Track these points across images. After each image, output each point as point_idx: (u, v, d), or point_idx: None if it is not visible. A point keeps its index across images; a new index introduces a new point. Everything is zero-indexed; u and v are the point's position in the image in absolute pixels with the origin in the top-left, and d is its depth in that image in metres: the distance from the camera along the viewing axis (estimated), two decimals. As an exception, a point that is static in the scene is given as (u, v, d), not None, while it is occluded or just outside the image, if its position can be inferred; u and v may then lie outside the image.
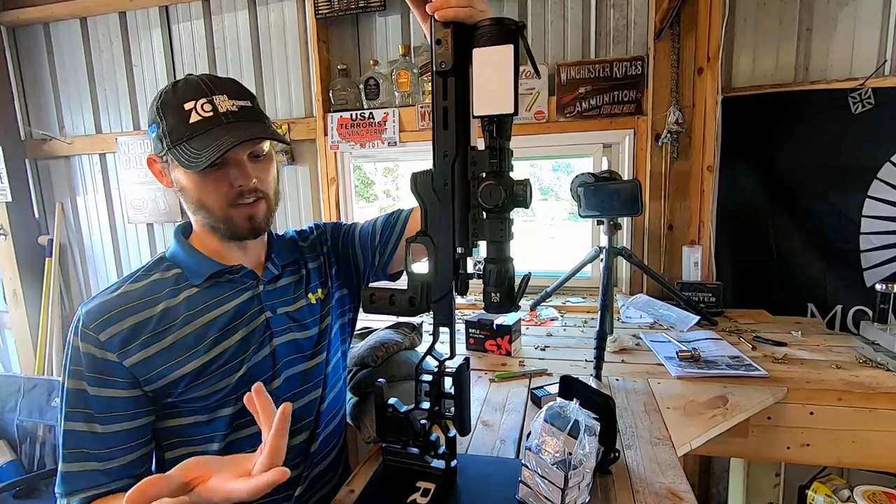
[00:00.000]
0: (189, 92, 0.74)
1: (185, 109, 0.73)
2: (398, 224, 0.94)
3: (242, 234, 0.80)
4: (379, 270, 0.96)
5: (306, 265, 0.92)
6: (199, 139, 0.72)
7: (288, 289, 0.88)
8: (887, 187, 1.62)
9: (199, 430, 0.79)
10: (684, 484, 0.76)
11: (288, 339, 0.84)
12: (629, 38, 1.81)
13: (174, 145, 0.73)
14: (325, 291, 0.92)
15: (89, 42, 2.36)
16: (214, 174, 0.75)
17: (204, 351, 0.76)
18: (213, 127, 0.73)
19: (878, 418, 1.06)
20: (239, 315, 0.80)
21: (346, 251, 0.97)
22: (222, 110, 0.74)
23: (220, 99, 0.74)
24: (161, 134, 0.74)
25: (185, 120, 0.73)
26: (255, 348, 0.80)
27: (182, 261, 0.82)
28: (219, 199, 0.76)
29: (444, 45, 0.61)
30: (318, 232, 0.99)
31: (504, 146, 0.63)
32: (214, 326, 0.78)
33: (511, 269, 0.66)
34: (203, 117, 0.73)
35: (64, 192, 2.53)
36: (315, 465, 0.88)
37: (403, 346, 1.16)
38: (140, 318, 0.74)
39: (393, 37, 2.03)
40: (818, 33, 1.66)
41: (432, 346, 0.74)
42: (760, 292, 1.77)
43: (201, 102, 0.73)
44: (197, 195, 0.76)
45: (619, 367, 1.25)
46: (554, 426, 0.69)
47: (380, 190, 3.72)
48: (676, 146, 1.73)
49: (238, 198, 0.77)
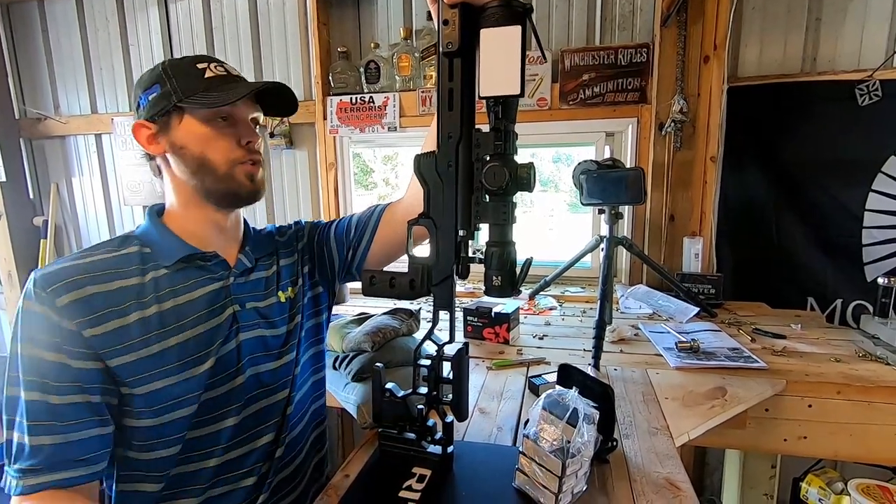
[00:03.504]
0: (198, 58, 0.77)
1: (198, 68, 0.75)
2: (372, 220, 0.91)
3: (243, 194, 0.79)
4: (353, 268, 0.92)
5: (279, 262, 0.89)
6: (220, 89, 0.74)
7: (259, 283, 0.84)
8: (891, 181, 1.61)
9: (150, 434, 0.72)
10: (682, 474, 0.75)
11: (255, 335, 0.80)
12: (635, 24, 1.78)
13: (187, 97, 0.73)
14: (294, 290, 0.88)
15: (85, 20, 2.32)
16: (224, 129, 0.76)
17: (168, 335, 0.72)
18: (231, 82, 0.76)
19: (876, 412, 1.06)
20: (207, 304, 0.76)
21: (322, 248, 0.93)
22: (234, 73, 0.78)
23: (227, 65, 0.78)
24: (167, 91, 0.73)
25: (200, 75, 0.74)
26: (222, 342, 0.76)
27: (153, 239, 0.78)
28: (225, 154, 0.76)
29: (451, 25, 0.60)
30: (296, 229, 0.96)
31: (509, 128, 0.63)
32: (181, 313, 0.73)
33: (513, 253, 0.65)
34: (218, 74, 0.75)
35: (59, 172, 2.50)
36: (279, 471, 0.84)
37: (401, 331, 1.15)
38: (100, 290, 0.69)
39: (394, 19, 1.99)
40: (827, 23, 1.63)
41: (431, 330, 0.73)
42: (761, 285, 1.76)
43: (213, 64, 0.76)
44: (201, 150, 0.75)
45: (617, 357, 1.25)
46: (553, 414, 0.68)
47: (379, 178, 3.69)
48: (680, 136, 1.71)
49: (243, 156, 0.77)
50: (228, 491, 0.78)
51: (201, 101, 0.73)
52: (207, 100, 0.73)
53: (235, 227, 0.86)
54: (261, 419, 0.80)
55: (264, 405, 0.81)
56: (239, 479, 0.79)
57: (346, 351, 1.13)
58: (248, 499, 0.79)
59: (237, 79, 0.77)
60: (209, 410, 0.75)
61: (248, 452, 0.79)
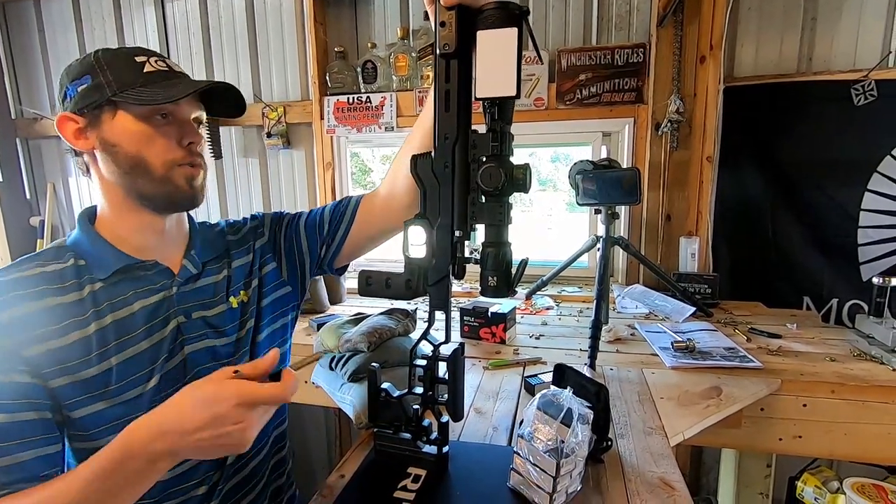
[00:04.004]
0: (135, 50, 0.71)
1: (136, 61, 0.69)
2: (348, 212, 0.86)
3: (180, 199, 0.73)
4: (325, 264, 0.88)
5: (230, 264, 0.82)
6: (160, 85, 0.68)
7: (207, 290, 0.78)
8: (887, 181, 1.61)
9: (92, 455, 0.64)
10: (676, 473, 0.76)
11: (202, 346, 0.75)
12: (631, 24, 1.78)
13: (122, 90, 0.67)
14: (248, 294, 0.82)
15: (81, 19, 2.31)
16: (163, 128, 0.70)
17: (108, 355, 0.67)
18: (173, 78, 0.70)
19: (870, 411, 1.06)
20: (148, 319, 0.71)
21: (290, 243, 0.87)
22: (177, 70, 0.72)
23: (168, 59, 0.72)
24: (100, 83, 0.67)
25: (139, 69, 0.68)
26: (166, 358, 0.71)
27: (86, 250, 0.72)
28: (163, 154, 0.70)
29: (448, 27, 0.61)
30: (254, 224, 0.88)
31: (505, 129, 0.63)
32: (121, 329, 0.69)
33: (509, 254, 0.66)
34: (158, 69, 0.69)
35: (55, 172, 2.50)
36: (231, 477, 0.79)
37: (397, 332, 1.15)
38: (35, 307, 0.65)
39: (391, 19, 1.99)
40: (823, 23, 1.64)
41: (427, 330, 0.73)
42: (757, 284, 1.76)
43: (154, 59, 0.70)
44: (137, 149, 0.69)
45: (613, 357, 1.25)
46: (547, 414, 0.68)
47: (377, 178, 3.69)
48: (676, 136, 1.71)
49: (183, 157, 0.71)
50: (180, 502, 0.74)
51: (138, 96, 0.66)
52: (145, 96, 0.66)
53: (177, 229, 0.79)
54: None
55: None
56: (190, 489, 0.75)
57: (342, 351, 1.13)
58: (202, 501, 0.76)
59: (179, 75, 0.71)
60: None
61: (197, 464, 0.75)
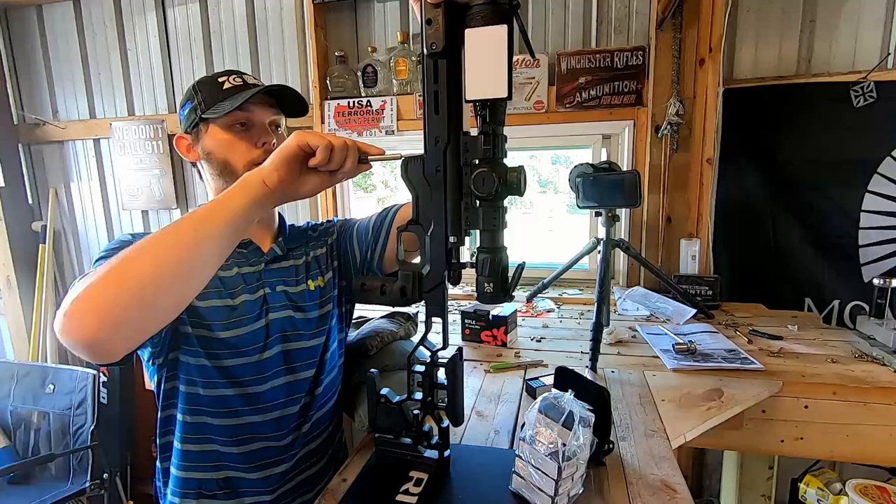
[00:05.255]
0: (222, 73, 0.88)
1: (218, 82, 0.86)
2: (387, 220, 0.97)
3: None
4: (374, 266, 0.97)
5: (309, 253, 0.96)
6: (232, 97, 0.83)
7: (289, 271, 0.92)
8: (887, 182, 1.61)
9: (205, 374, 0.83)
10: (678, 476, 0.76)
11: (284, 315, 0.88)
12: (630, 27, 1.78)
13: (208, 108, 0.84)
14: (324, 280, 0.95)
15: (83, 25, 2.33)
16: (242, 134, 0.85)
17: (224, 296, 0.83)
18: (243, 90, 0.85)
19: (872, 412, 1.06)
20: (242, 282, 0.86)
21: (344, 247, 0.99)
22: (251, 82, 0.88)
23: (248, 76, 0.89)
24: (195, 105, 0.85)
25: (220, 87, 0.85)
26: (254, 317, 0.85)
27: None
28: (243, 156, 0.84)
29: (434, 25, 0.57)
30: (328, 225, 1.04)
31: (498, 132, 0.61)
32: (225, 282, 0.85)
33: (504, 259, 0.65)
34: (234, 85, 0.86)
35: (58, 177, 2.50)
36: (304, 445, 0.91)
37: (398, 335, 1.15)
38: None
39: (391, 23, 2.00)
40: (822, 25, 1.64)
41: (424, 336, 0.73)
42: (758, 286, 1.76)
43: (233, 77, 0.87)
44: (224, 154, 0.85)
45: (614, 359, 1.25)
46: (548, 417, 0.68)
47: (378, 180, 3.70)
48: (676, 138, 1.71)
49: (261, 156, 0.83)
50: (264, 448, 0.86)
51: (216, 109, 0.83)
52: (218, 110, 0.83)
53: (269, 220, 0.95)
54: (287, 392, 0.88)
55: (290, 380, 0.88)
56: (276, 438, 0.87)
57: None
58: (273, 465, 0.87)
59: (251, 87, 0.85)
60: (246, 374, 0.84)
61: (272, 418, 0.87)
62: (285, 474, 0.88)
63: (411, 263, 0.68)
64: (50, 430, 1.98)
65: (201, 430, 0.84)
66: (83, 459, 1.91)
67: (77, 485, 1.85)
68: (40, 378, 2.04)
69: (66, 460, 1.93)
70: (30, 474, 1.95)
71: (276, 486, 0.88)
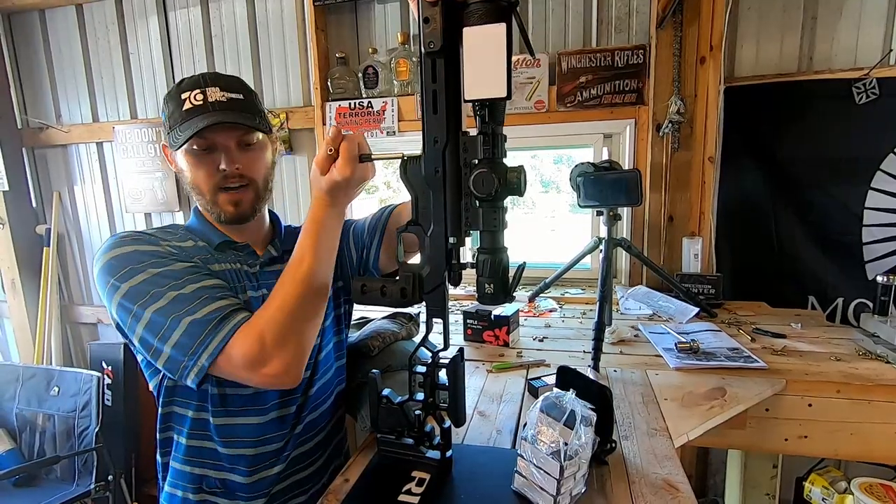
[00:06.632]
0: (189, 85, 0.82)
1: (181, 99, 0.81)
2: (381, 222, 0.97)
3: (228, 219, 0.85)
4: (369, 266, 0.98)
5: None
6: (188, 123, 0.80)
7: None
8: (890, 179, 1.60)
9: None
10: (681, 475, 0.76)
11: None
12: (631, 26, 1.78)
13: (171, 130, 0.82)
14: None
15: (85, 29, 2.34)
16: (204, 158, 0.82)
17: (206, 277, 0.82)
18: (200, 113, 0.80)
19: (876, 410, 1.06)
20: (238, 279, 0.86)
21: (341, 247, 0.98)
22: (211, 100, 0.81)
23: (212, 91, 0.82)
24: (165, 121, 0.84)
25: (181, 107, 0.81)
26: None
27: (197, 229, 0.88)
28: (207, 181, 0.83)
29: (432, 23, 0.57)
30: None
31: (497, 131, 0.61)
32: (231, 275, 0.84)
33: (505, 260, 0.64)
34: (193, 105, 0.80)
35: (61, 181, 2.52)
36: (297, 447, 0.91)
37: (400, 335, 1.15)
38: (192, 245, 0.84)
39: (392, 24, 2.00)
40: (823, 22, 1.63)
41: (425, 337, 0.73)
42: (760, 284, 1.76)
43: (195, 93, 0.81)
44: (191, 177, 0.84)
45: (617, 359, 1.25)
46: (550, 416, 0.68)
47: (380, 181, 3.70)
48: (678, 136, 1.71)
49: (223, 181, 0.83)
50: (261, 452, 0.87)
51: (174, 138, 0.81)
52: (174, 139, 0.81)
53: (258, 225, 0.93)
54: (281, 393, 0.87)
55: None
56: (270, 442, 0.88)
57: (345, 356, 1.13)
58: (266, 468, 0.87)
59: (208, 108, 0.80)
60: None
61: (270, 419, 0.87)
62: (279, 475, 0.89)
63: (411, 264, 0.68)
64: (55, 432, 1.99)
65: (204, 427, 0.85)
66: (88, 461, 1.92)
67: (82, 486, 1.86)
68: (45, 380, 2.05)
69: (72, 462, 1.95)
70: (35, 476, 1.96)
71: (268, 489, 0.88)
